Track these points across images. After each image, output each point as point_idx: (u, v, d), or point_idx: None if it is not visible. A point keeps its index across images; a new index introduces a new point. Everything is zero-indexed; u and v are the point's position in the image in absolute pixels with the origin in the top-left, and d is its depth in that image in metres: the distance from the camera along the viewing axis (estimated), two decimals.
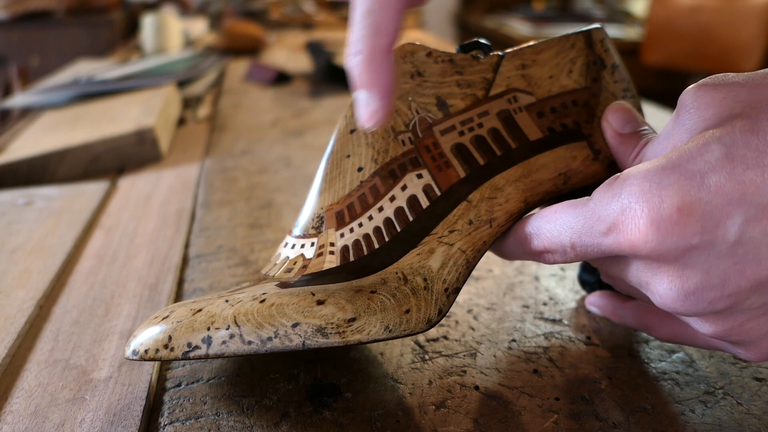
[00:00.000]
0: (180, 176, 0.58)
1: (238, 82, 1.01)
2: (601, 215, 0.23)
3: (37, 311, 0.35)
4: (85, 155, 0.59)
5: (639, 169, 0.22)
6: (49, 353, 0.31)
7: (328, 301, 0.25)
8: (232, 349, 0.24)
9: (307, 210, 0.30)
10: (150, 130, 0.61)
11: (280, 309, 0.25)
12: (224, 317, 0.25)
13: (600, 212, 0.23)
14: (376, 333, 0.25)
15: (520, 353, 0.31)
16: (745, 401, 0.27)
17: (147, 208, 0.50)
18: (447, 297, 0.26)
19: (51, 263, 0.40)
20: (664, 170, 0.21)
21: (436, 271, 0.26)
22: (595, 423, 0.26)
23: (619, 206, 0.22)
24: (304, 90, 0.93)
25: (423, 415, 0.27)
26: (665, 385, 0.28)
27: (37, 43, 2.25)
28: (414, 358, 0.30)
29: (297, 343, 0.24)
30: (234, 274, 0.39)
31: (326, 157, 0.30)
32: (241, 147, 0.66)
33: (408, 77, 0.30)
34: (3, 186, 0.56)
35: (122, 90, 0.84)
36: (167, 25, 1.26)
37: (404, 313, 0.25)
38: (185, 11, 2.12)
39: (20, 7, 2.25)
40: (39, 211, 0.49)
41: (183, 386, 0.29)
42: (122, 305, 0.35)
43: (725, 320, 0.22)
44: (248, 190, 0.54)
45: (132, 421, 0.26)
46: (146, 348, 0.26)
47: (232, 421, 0.26)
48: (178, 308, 0.27)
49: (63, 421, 0.26)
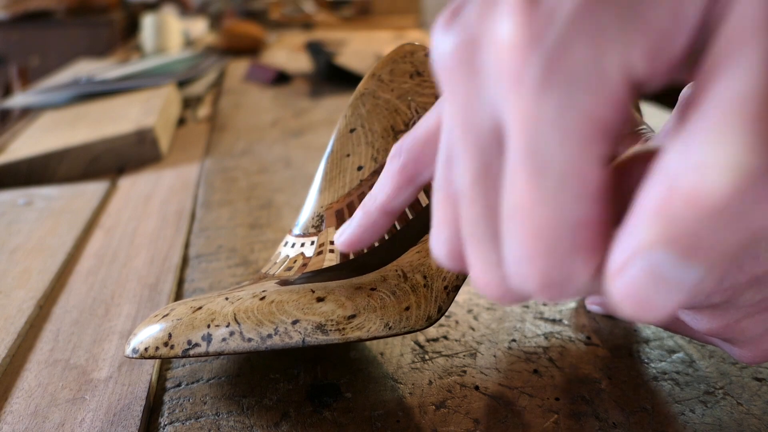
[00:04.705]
0: (180, 176, 0.58)
1: (238, 82, 1.01)
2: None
3: (37, 311, 0.35)
4: (85, 155, 0.59)
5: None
6: (49, 353, 0.31)
7: (328, 299, 0.25)
8: (232, 347, 0.25)
9: (307, 209, 0.30)
10: (150, 130, 0.61)
11: (280, 306, 0.25)
12: (224, 315, 0.25)
13: None
14: (376, 330, 0.25)
15: (520, 353, 0.31)
16: (745, 401, 0.27)
17: (147, 208, 0.50)
18: (447, 294, 0.26)
19: (51, 263, 0.40)
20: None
21: (436, 268, 0.26)
22: (595, 423, 0.26)
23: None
24: (304, 90, 0.93)
25: (423, 415, 0.27)
26: (665, 385, 0.28)
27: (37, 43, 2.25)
28: (414, 358, 0.30)
29: (297, 340, 0.24)
30: (234, 274, 0.39)
31: (326, 156, 0.30)
32: (241, 147, 0.66)
33: (407, 77, 0.30)
34: (3, 186, 0.56)
35: (122, 90, 0.84)
36: (167, 25, 1.26)
37: (404, 311, 0.25)
38: (185, 11, 2.12)
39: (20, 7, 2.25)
40: (39, 211, 0.49)
41: (183, 386, 0.29)
42: (122, 305, 0.35)
43: (722, 316, 0.22)
44: (248, 190, 0.54)
45: (132, 421, 0.26)
46: (146, 346, 0.26)
47: (232, 421, 0.26)
48: (178, 306, 0.27)
49: (63, 421, 0.26)
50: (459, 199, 0.16)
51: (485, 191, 0.15)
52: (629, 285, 0.12)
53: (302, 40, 1.38)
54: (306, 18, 1.90)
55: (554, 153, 0.13)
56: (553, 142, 0.13)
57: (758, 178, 0.11)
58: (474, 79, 0.15)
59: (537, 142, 0.13)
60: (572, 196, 0.13)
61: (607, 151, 0.13)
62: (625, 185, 0.15)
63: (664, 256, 0.11)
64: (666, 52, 0.13)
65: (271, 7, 1.96)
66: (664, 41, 0.12)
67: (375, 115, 0.30)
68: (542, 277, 0.14)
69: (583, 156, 0.13)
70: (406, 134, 0.22)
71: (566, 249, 0.13)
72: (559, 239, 0.13)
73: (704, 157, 0.11)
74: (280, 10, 2.03)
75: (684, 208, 0.11)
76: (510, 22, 0.13)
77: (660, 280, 0.12)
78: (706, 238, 0.11)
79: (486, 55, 0.14)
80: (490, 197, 0.15)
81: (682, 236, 0.11)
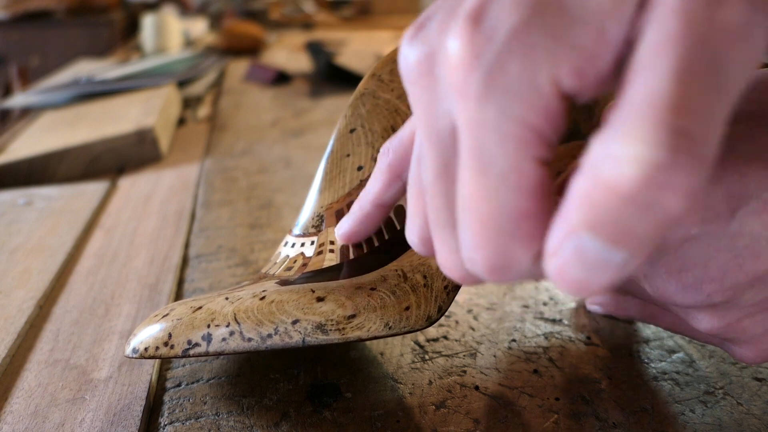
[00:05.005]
0: (180, 176, 0.58)
1: (238, 82, 1.01)
2: None
3: (37, 311, 0.35)
4: (85, 155, 0.59)
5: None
6: (49, 353, 0.31)
7: (328, 298, 0.25)
8: (232, 347, 0.25)
9: (307, 209, 0.30)
10: (150, 130, 0.61)
11: (280, 306, 0.25)
12: (224, 314, 0.25)
13: None
14: (376, 330, 0.25)
15: (520, 353, 0.31)
16: (745, 401, 0.27)
17: (147, 208, 0.50)
18: (447, 294, 0.26)
19: (51, 263, 0.40)
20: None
21: (436, 268, 0.26)
22: (595, 423, 0.26)
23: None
24: (304, 90, 0.93)
25: (423, 415, 0.27)
26: (665, 385, 0.28)
27: (37, 43, 2.25)
28: (414, 358, 0.30)
29: (297, 340, 0.24)
30: (234, 274, 0.39)
31: (326, 156, 0.30)
32: (241, 147, 0.66)
33: None
34: (3, 186, 0.56)
35: (122, 90, 0.84)
36: (167, 25, 1.26)
37: (404, 310, 0.25)
38: (185, 11, 2.12)
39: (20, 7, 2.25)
40: (39, 211, 0.49)
41: (183, 386, 0.29)
42: (122, 305, 0.35)
43: (722, 315, 0.22)
44: (248, 190, 0.54)
45: (132, 421, 0.26)
46: (146, 346, 0.26)
47: (232, 421, 0.26)
48: (178, 306, 0.27)
49: (63, 421, 0.26)
50: (425, 192, 0.19)
51: (445, 185, 0.18)
52: (561, 265, 0.14)
53: (302, 40, 1.38)
54: (306, 18, 1.90)
55: (495, 153, 0.15)
56: (494, 144, 0.15)
57: (662, 170, 0.12)
58: (433, 88, 0.17)
59: (480, 144, 0.15)
60: (511, 191, 0.15)
61: (544, 153, 0.15)
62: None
63: (589, 239, 0.13)
64: (593, 68, 0.14)
65: (271, 7, 1.96)
66: (591, 59, 0.14)
67: (375, 115, 0.30)
68: (487, 262, 0.16)
69: (520, 156, 0.15)
70: (394, 134, 0.24)
71: (507, 237, 0.15)
72: (500, 228, 0.15)
73: (618, 151, 0.12)
74: (280, 10, 2.03)
75: (603, 195, 0.12)
76: (457, 39, 0.15)
77: (587, 261, 0.13)
78: (625, 224, 0.12)
79: (440, 68, 0.17)
80: (450, 191, 0.18)
81: (604, 221, 0.13)
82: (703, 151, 0.12)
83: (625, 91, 0.13)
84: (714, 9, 0.12)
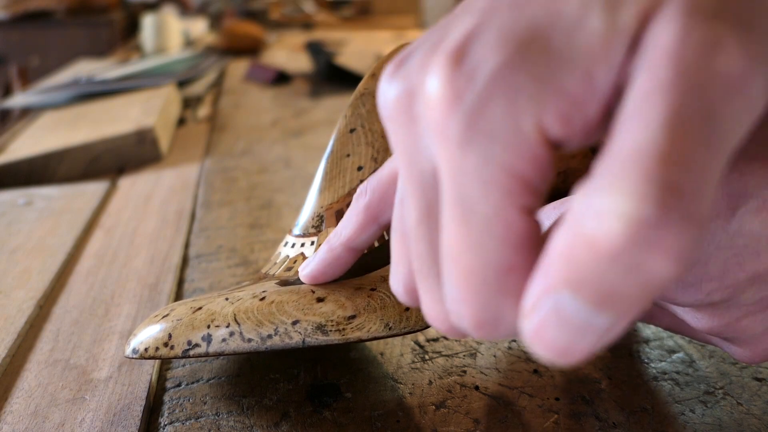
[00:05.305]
0: (180, 176, 0.58)
1: (238, 82, 1.01)
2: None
3: (37, 311, 0.35)
4: (85, 155, 0.59)
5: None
6: (49, 353, 0.31)
7: (328, 299, 0.25)
8: (232, 347, 0.25)
9: (307, 209, 0.30)
10: (150, 130, 0.61)
11: (280, 306, 0.25)
12: (224, 315, 0.25)
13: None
14: (376, 330, 0.25)
15: (520, 353, 0.31)
16: (745, 401, 0.27)
17: (147, 208, 0.50)
18: None
19: (51, 263, 0.40)
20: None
21: None
22: (595, 423, 0.26)
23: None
24: (304, 90, 0.93)
25: (423, 415, 0.27)
26: (665, 385, 0.28)
27: (37, 43, 2.25)
28: (414, 358, 0.30)
29: (297, 340, 0.24)
30: (234, 274, 0.39)
31: (326, 157, 0.30)
32: (241, 147, 0.66)
33: None
34: (3, 186, 0.56)
35: (122, 90, 0.84)
36: (167, 25, 1.26)
37: (404, 311, 0.25)
38: (185, 11, 2.12)
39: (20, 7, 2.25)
40: (39, 211, 0.49)
41: (183, 386, 0.29)
42: (122, 305, 0.35)
43: (722, 315, 0.22)
44: (248, 190, 0.54)
45: (132, 421, 0.26)
46: (146, 346, 0.26)
47: (232, 421, 0.26)
48: (178, 307, 0.27)
49: (63, 421, 0.26)
50: (408, 237, 0.17)
51: (428, 230, 0.16)
52: (538, 326, 0.12)
53: (302, 40, 1.38)
54: (306, 18, 1.90)
55: (477, 202, 0.14)
56: (476, 191, 0.14)
57: (649, 228, 0.11)
58: (413, 127, 0.16)
59: (462, 191, 0.14)
60: (496, 243, 0.14)
61: (531, 202, 0.14)
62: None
63: (568, 298, 0.12)
64: (580, 114, 0.13)
65: (271, 7, 1.96)
66: (577, 105, 0.13)
67: (375, 115, 0.30)
68: (474, 318, 0.14)
69: (505, 206, 0.13)
70: (373, 174, 0.23)
71: (493, 292, 0.14)
72: (485, 283, 0.14)
73: (602, 205, 0.11)
74: (280, 10, 2.03)
75: (584, 252, 0.11)
76: (436, 78, 0.14)
77: (566, 322, 0.12)
78: (608, 285, 0.11)
79: (420, 107, 0.15)
80: (433, 236, 0.16)
81: (585, 280, 0.11)
82: (695, 209, 0.11)
83: (612, 141, 0.12)
84: (710, 57, 0.12)
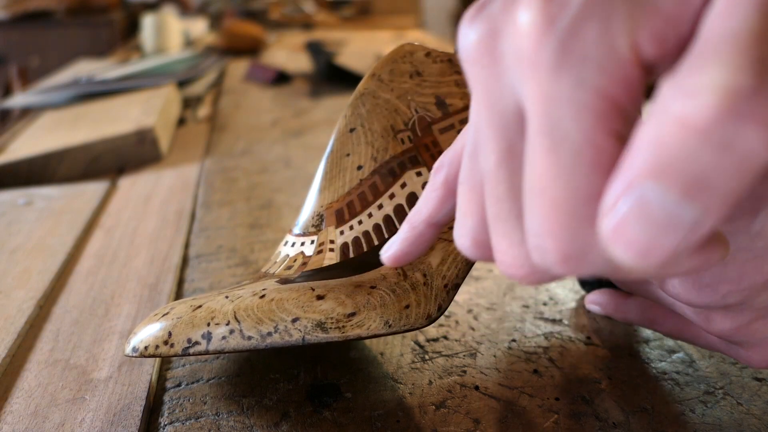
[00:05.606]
0: (180, 176, 0.58)
1: (238, 82, 1.01)
2: None
3: (37, 311, 0.35)
4: (85, 155, 0.59)
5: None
6: (49, 353, 0.31)
7: (327, 296, 0.25)
8: (232, 345, 0.25)
9: (307, 208, 0.30)
10: (150, 130, 0.61)
11: (279, 304, 0.25)
12: (224, 313, 0.25)
13: None
14: (376, 328, 0.25)
15: (520, 353, 0.31)
16: (745, 401, 0.27)
17: (147, 208, 0.50)
18: (447, 293, 0.26)
19: (51, 263, 0.40)
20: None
21: (436, 267, 0.26)
22: (595, 423, 0.26)
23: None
24: (304, 90, 0.93)
25: (423, 415, 0.27)
26: (665, 385, 0.28)
27: (37, 43, 2.25)
28: (414, 358, 0.30)
29: (297, 338, 0.24)
30: (234, 274, 0.39)
31: (326, 156, 0.30)
32: (241, 147, 0.66)
33: (407, 77, 0.30)
34: (3, 186, 0.56)
35: (122, 90, 0.84)
36: (167, 25, 1.26)
37: (404, 309, 0.25)
38: (185, 11, 2.12)
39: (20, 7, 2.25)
40: (39, 211, 0.49)
41: (183, 386, 0.29)
42: (122, 305, 0.35)
43: (734, 317, 0.22)
44: (248, 190, 0.54)
45: (132, 421, 0.26)
46: (146, 344, 0.26)
47: (232, 421, 0.26)
48: (178, 305, 0.27)
49: (63, 421, 0.26)
50: (484, 183, 0.17)
51: (509, 171, 0.16)
52: (619, 223, 0.12)
53: (302, 40, 1.38)
54: (306, 18, 1.90)
55: (569, 128, 0.13)
56: (568, 117, 0.13)
57: (744, 97, 0.10)
58: (496, 66, 0.16)
59: (553, 119, 0.14)
60: (587, 169, 0.13)
61: (622, 128, 0.13)
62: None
63: (654, 189, 0.11)
64: (674, 32, 0.13)
65: (271, 7, 1.96)
66: (672, 22, 0.13)
67: (375, 115, 0.30)
68: (560, 250, 0.14)
69: (597, 131, 0.13)
70: (447, 149, 0.22)
71: (582, 221, 0.13)
72: (574, 211, 0.13)
73: (694, 83, 0.11)
74: (280, 10, 2.03)
75: (673, 134, 0.11)
76: (528, 9, 0.14)
77: (650, 217, 0.11)
78: (698, 168, 0.11)
79: (506, 43, 0.15)
80: (514, 177, 0.16)
81: (673, 165, 0.11)
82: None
83: (700, 34, 0.12)
84: None
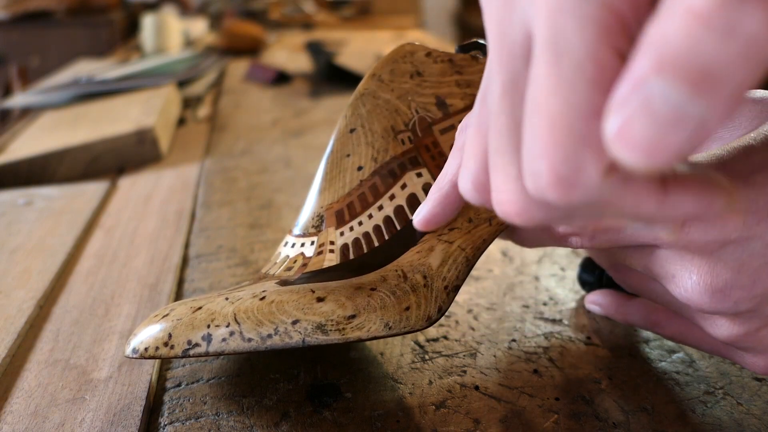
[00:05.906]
0: (180, 176, 0.58)
1: (238, 82, 1.01)
2: None
3: (37, 311, 0.35)
4: (85, 155, 0.59)
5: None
6: (49, 353, 0.31)
7: (328, 299, 0.25)
8: (232, 347, 0.25)
9: (307, 209, 0.30)
10: (150, 130, 0.61)
11: (280, 306, 0.25)
12: (224, 315, 0.25)
13: None
14: (376, 330, 0.25)
15: (520, 353, 0.31)
16: (745, 401, 0.27)
17: (147, 208, 0.50)
18: (447, 294, 0.26)
19: (51, 263, 0.40)
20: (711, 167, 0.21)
21: (436, 268, 0.26)
22: (595, 423, 0.26)
23: None
24: (304, 90, 0.93)
25: (423, 415, 0.27)
26: (665, 385, 0.28)
27: (37, 43, 2.25)
28: (414, 358, 0.30)
29: (297, 340, 0.24)
30: (234, 274, 0.39)
31: (326, 157, 0.30)
32: (241, 147, 0.66)
33: (408, 77, 0.30)
34: (3, 186, 0.56)
35: (122, 90, 0.84)
36: (167, 25, 1.26)
37: (404, 311, 0.25)
38: (185, 11, 2.12)
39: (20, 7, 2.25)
40: (39, 211, 0.49)
41: (183, 386, 0.29)
42: (122, 305, 0.35)
43: (743, 324, 0.22)
44: (248, 190, 0.54)
45: (132, 421, 0.26)
46: (146, 346, 0.26)
47: (232, 421, 0.26)
48: (178, 306, 0.27)
49: (63, 421, 0.26)
50: (489, 120, 0.17)
51: (512, 103, 0.16)
52: (624, 122, 0.12)
53: (302, 40, 1.38)
54: (306, 18, 1.90)
55: (573, 40, 0.13)
56: (572, 28, 0.13)
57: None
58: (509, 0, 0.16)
59: (557, 32, 0.14)
60: (586, 84, 0.13)
61: (624, 45, 0.13)
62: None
63: (660, 85, 0.11)
64: None
65: (271, 7, 1.96)
66: None
67: (375, 116, 0.30)
68: (552, 172, 0.14)
69: (599, 44, 0.13)
70: (470, 112, 0.22)
71: (576, 140, 0.14)
72: (570, 129, 0.14)
73: None
74: (280, 10, 2.03)
75: (677, 27, 0.11)
76: None
77: (657, 113, 0.11)
78: (704, 59, 0.11)
79: None
80: (515, 107, 0.16)
81: (679, 58, 0.11)
82: None
83: None
84: None
